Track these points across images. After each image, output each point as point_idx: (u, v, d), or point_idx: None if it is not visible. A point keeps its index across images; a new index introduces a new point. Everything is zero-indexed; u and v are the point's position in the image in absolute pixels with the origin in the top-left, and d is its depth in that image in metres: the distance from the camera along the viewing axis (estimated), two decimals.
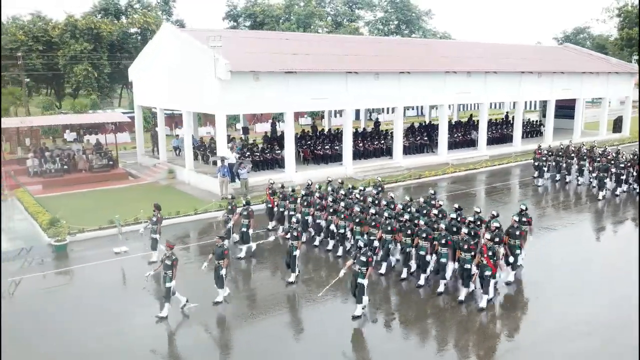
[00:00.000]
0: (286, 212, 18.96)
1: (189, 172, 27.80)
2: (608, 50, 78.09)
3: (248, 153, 27.94)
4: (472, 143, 35.10)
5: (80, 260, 17.47)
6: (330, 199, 17.90)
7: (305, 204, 18.47)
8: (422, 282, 14.62)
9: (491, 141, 35.30)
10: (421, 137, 33.31)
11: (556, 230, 20.02)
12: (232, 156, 25.23)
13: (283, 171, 27.36)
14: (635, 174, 24.87)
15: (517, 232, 14.80)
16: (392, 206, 17.22)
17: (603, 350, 11.69)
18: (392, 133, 32.24)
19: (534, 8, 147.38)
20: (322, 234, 18.18)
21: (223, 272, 13.56)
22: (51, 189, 26.84)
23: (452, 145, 33.81)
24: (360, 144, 31.07)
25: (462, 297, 13.72)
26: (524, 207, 15.91)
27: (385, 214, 15.67)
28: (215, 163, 28.67)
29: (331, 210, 17.50)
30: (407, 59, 31.99)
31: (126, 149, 39.36)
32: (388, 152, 31.75)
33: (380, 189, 20.16)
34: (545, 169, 27.14)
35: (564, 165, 27.27)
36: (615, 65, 41.68)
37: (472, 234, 14.60)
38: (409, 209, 16.59)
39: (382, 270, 15.50)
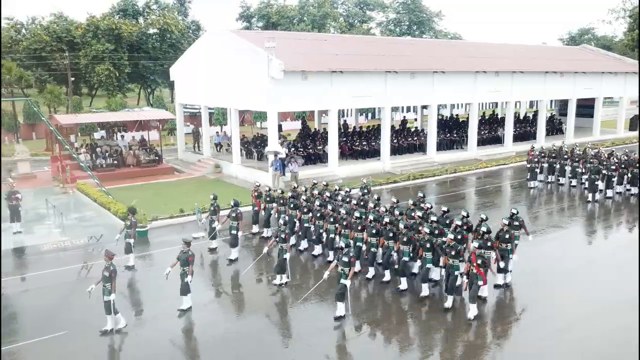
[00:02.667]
0: (276, 215, 18.58)
1: (236, 166, 29.20)
2: (615, 51, 79.70)
3: (293, 149, 29.33)
4: (498, 140, 36.51)
5: (162, 245, 18.77)
6: (317, 202, 17.42)
7: (292, 206, 17.98)
8: (404, 286, 14.19)
9: (515, 138, 36.71)
10: (451, 134, 34.74)
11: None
12: (283, 151, 26.64)
13: (326, 165, 28.82)
14: (630, 175, 24.19)
15: (507, 236, 14.33)
16: (377, 209, 16.44)
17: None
18: (420, 130, 33.74)
19: (538, 9, 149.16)
20: (306, 238, 17.64)
21: (188, 279, 13.03)
22: (105, 182, 28.09)
23: (479, 142, 35.23)
24: (395, 140, 32.47)
25: (448, 304, 13.21)
26: (515, 211, 15.48)
27: (371, 217, 15.20)
28: (260, 158, 30.20)
29: (318, 214, 17.00)
30: (440, 59, 33.46)
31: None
32: (420, 148, 33.19)
33: (366, 190, 20.18)
34: (538, 170, 26.58)
35: (557, 166, 26.64)
36: (631, 66, 43.20)
37: (459, 238, 13.93)
38: (391, 212, 16.03)
39: (369, 275, 15.09)
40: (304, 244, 17.69)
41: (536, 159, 26.58)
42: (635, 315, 12.67)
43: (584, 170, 25.51)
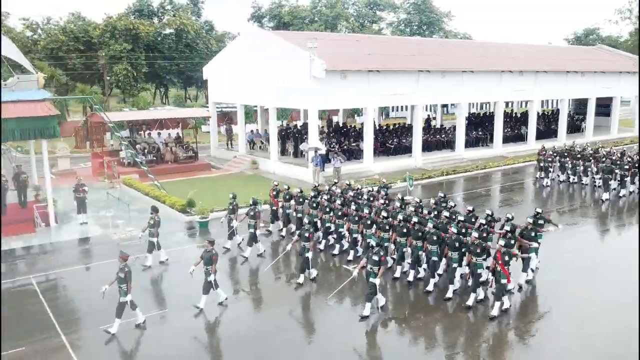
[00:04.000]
0: (293, 214, 18.78)
1: (274, 162, 30.17)
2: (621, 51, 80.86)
3: (336, 145, 30.35)
4: (521, 137, 37.57)
5: (221, 235, 19.65)
6: (338, 201, 17.41)
7: (314, 206, 18.17)
8: (430, 288, 14.27)
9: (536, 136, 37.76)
10: (476, 132, 35.79)
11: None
12: (323, 148, 27.62)
13: (361, 161, 29.83)
14: None
15: (532, 234, 14.55)
16: (404, 208, 16.92)
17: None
18: (448, 127, 34.78)
19: (543, 9, 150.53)
20: (329, 237, 17.72)
21: (211, 278, 13.10)
22: (146, 178, 29.02)
23: (503, 139, 36.21)
24: (424, 137, 33.48)
25: (470, 302, 13.27)
26: (539, 210, 15.64)
27: (400, 217, 15.28)
28: (296, 154, 31.17)
29: (339, 213, 17.03)
30: (468, 59, 34.52)
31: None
32: (447, 145, 34.23)
33: (386, 189, 20.18)
34: (551, 169, 26.93)
35: (569, 166, 26.91)
36: None
37: (484, 236, 14.08)
38: (419, 212, 16.30)
39: (397, 274, 15.21)
40: (324, 243, 17.66)
41: (549, 158, 27.05)
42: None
43: (596, 170, 25.84)
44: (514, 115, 41.93)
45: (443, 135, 34.82)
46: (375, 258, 12.67)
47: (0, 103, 18.09)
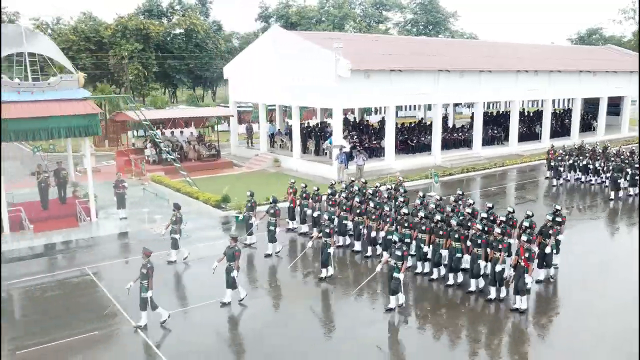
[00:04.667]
0: (309, 212, 18.92)
1: (296, 160, 30.82)
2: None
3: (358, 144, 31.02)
4: (534, 136, 38.28)
5: (260, 229, 20.33)
6: (357, 199, 17.54)
7: (330, 203, 18.46)
8: (451, 281, 14.55)
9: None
10: (492, 130, 36.48)
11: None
12: (348, 145, 28.28)
13: (382, 159, 30.49)
14: None
15: (550, 232, 14.67)
16: (425, 205, 17.21)
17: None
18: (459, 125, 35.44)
19: (546, 9, 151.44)
20: (347, 235, 17.93)
21: (234, 273, 13.28)
22: (173, 175, 29.63)
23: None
24: (442, 136, 34.13)
25: (492, 295, 13.65)
26: (558, 207, 15.76)
27: (421, 214, 15.50)
28: (317, 152, 31.82)
29: (358, 211, 17.25)
30: (485, 59, 35.23)
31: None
32: (464, 143, 34.91)
33: (400, 187, 20.22)
34: (562, 169, 26.93)
35: (580, 165, 27.12)
36: None
37: (504, 233, 14.25)
38: (439, 209, 16.43)
39: (418, 269, 15.48)
40: (342, 240, 17.90)
41: (560, 157, 27.10)
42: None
43: (605, 169, 26.01)
44: (526, 114, 42.58)
45: (460, 134, 35.49)
46: (399, 253, 12.92)
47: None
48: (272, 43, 31.85)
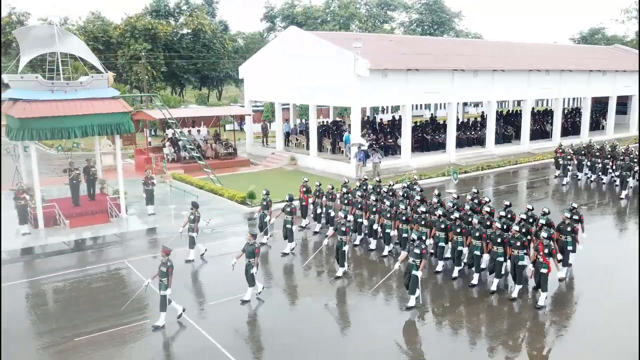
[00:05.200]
0: (322, 210, 19.13)
1: (313, 158, 31.30)
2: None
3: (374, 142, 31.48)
4: (544, 134, 38.80)
5: (278, 226, 20.45)
6: (373, 197, 17.61)
7: (345, 202, 18.44)
8: (475, 281, 14.46)
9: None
10: (505, 129, 37.03)
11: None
12: (366, 143, 28.78)
13: (399, 157, 30.98)
14: None
15: (569, 229, 14.68)
16: (441, 203, 17.23)
17: None
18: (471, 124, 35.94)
19: (548, 9, 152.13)
20: (362, 233, 18.07)
21: (254, 270, 13.29)
22: (192, 172, 30.12)
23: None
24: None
25: (515, 294, 13.60)
26: (575, 205, 15.93)
27: (439, 212, 15.63)
28: (334, 151, 32.29)
29: (374, 209, 17.30)
30: (498, 58, 35.76)
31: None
32: (478, 141, 35.41)
33: (416, 185, 20.35)
34: (570, 167, 27.22)
35: (588, 163, 27.29)
36: None
37: (524, 231, 14.34)
38: (457, 207, 16.41)
39: (439, 268, 15.53)
40: (358, 238, 18.00)
41: (569, 156, 27.36)
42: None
43: (614, 167, 26.11)
44: (536, 112, 43.06)
45: (473, 132, 36.00)
46: (417, 251, 12.92)
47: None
48: (289, 43, 32.33)
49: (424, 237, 14.88)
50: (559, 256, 14.49)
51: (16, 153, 27.10)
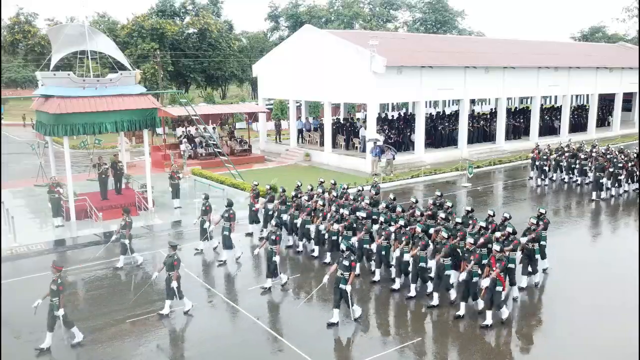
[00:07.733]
0: (275, 214, 17.57)
1: (328, 154, 31.89)
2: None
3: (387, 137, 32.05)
4: (552, 130, 39.44)
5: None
6: (320, 202, 16.91)
7: (295, 205, 17.26)
8: (412, 293, 13.50)
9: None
10: (514, 124, 37.67)
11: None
12: (382, 139, 29.37)
13: (412, 153, 31.59)
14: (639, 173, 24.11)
15: (534, 236, 13.75)
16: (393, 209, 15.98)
17: None
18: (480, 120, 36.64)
19: (548, 7, 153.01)
20: (310, 240, 16.84)
21: (174, 284, 12.42)
22: (210, 168, 30.63)
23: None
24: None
25: (461, 312, 12.51)
26: (543, 211, 14.91)
27: (401, 222, 14.35)
28: (348, 147, 32.86)
29: (320, 215, 16.44)
30: (508, 56, 36.33)
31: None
32: (488, 137, 36.04)
33: (377, 189, 19.35)
34: (547, 168, 26.25)
35: (565, 164, 26.42)
36: None
37: (480, 243, 13.23)
38: (404, 214, 15.32)
39: (396, 286, 14.05)
40: (302, 245, 17.09)
41: (545, 157, 26.41)
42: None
43: (592, 168, 24.92)
44: (543, 109, 43.67)
45: (484, 124, 36.67)
46: (346, 263, 11.94)
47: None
48: (304, 41, 32.89)
49: (353, 248, 13.88)
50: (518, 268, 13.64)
51: (39, 150, 27.77)
